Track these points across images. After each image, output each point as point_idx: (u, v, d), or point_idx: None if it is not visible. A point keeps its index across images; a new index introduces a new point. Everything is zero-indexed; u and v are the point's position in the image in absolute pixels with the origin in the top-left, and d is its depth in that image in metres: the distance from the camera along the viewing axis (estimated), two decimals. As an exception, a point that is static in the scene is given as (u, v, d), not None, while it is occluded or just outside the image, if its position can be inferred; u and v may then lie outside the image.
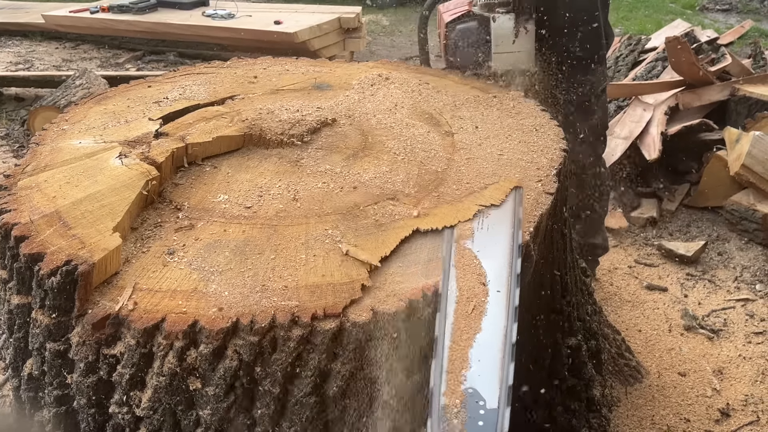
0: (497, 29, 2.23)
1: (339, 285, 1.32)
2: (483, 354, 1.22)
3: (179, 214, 1.52)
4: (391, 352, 1.29)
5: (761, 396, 2.37)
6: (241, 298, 1.28)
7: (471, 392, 1.16)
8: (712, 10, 7.79)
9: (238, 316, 1.24)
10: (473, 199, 1.57)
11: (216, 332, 1.23)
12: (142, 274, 1.34)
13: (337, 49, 5.34)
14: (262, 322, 1.24)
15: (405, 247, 1.42)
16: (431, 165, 1.70)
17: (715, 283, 3.05)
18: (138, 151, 1.66)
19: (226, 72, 2.24)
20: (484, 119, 1.93)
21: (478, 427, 1.11)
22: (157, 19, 5.60)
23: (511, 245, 1.42)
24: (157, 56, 5.56)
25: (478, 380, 1.18)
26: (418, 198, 1.58)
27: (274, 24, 5.17)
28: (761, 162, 3.19)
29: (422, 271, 1.36)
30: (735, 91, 3.78)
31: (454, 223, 1.49)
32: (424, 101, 2.03)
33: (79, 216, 1.41)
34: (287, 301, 1.28)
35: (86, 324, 1.26)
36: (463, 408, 1.14)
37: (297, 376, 1.30)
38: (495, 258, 1.40)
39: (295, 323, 1.25)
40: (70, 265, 1.27)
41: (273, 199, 1.57)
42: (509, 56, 2.25)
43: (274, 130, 1.79)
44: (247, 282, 1.32)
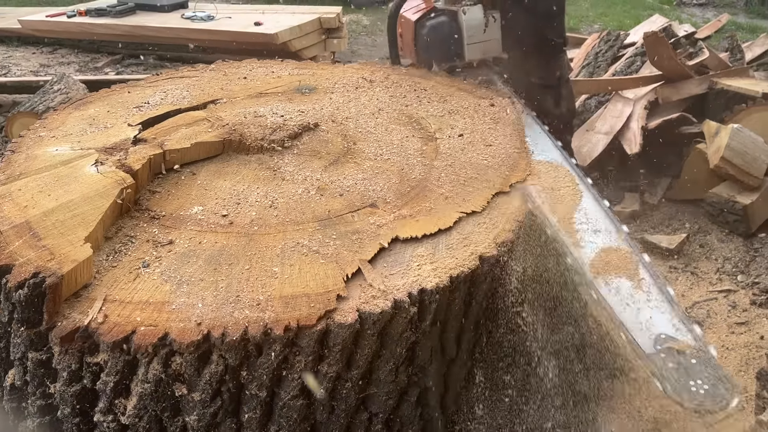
0: (469, 21, 2.38)
1: (314, 296, 1.34)
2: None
3: (155, 223, 1.55)
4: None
5: (745, 386, 2.38)
6: (214, 310, 1.31)
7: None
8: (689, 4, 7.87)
9: (209, 328, 1.27)
10: (454, 206, 1.59)
11: (187, 345, 1.26)
12: (114, 286, 1.37)
13: (318, 50, 5.38)
14: (233, 335, 1.27)
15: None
16: (412, 172, 1.73)
17: (698, 275, 3.09)
18: (115, 158, 1.69)
19: (210, 75, 2.27)
20: (472, 125, 1.95)
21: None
22: (135, 22, 5.62)
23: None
24: (136, 59, 5.57)
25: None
26: (397, 205, 1.60)
27: (254, 25, 5.20)
28: (740, 154, 3.24)
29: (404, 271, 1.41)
30: (713, 84, 3.84)
31: (433, 231, 1.51)
32: (410, 105, 2.06)
33: (50, 226, 1.44)
34: (260, 313, 1.30)
35: (54, 338, 1.29)
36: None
37: (284, 378, 1.33)
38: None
39: (267, 336, 1.28)
40: (38, 278, 1.29)
41: (250, 207, 1.60)
42: (481, 45, 2.43)
43: (255, 135, 1.82)
44: (220, 293, 1.35)
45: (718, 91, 3.86)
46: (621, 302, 1.37)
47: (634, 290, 1.39)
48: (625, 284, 1.41)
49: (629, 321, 1.33)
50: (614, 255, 1.49)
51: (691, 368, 1.23)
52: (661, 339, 1.29)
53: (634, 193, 3.71)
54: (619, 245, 1.50)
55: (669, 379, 1.21)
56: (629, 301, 1.37)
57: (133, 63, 5.60)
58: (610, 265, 1.46)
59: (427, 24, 2.41)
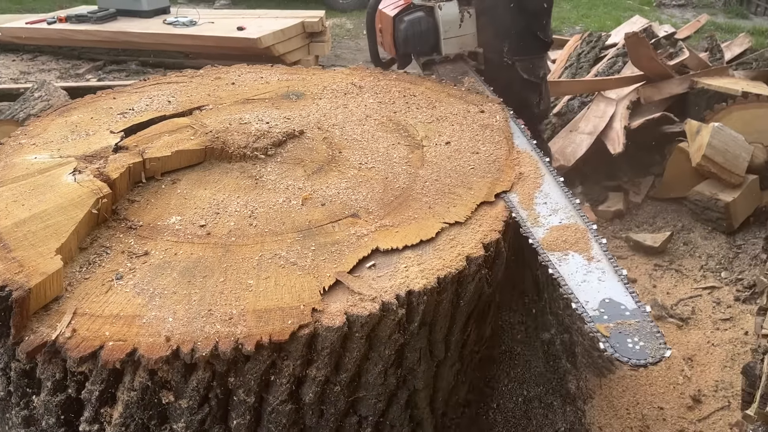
0: (445, 16, 2.37)
1: (289, 309, 1.24)
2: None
3: (132, 233, 1.45)
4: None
5: (731, 381, 2.35)
6: (184, 325, 1.21)
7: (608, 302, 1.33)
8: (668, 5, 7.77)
9: (178, 344, 1.17)
10: (437, 216, 1.49)
11: (155, 361, 1.16)
12: (85, 299, 1.27)
13: (301, 54, 5.24)
14: (203, 351, 1.17)
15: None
16: (396, 181, 1.62)
17: (682, 272, 3.04)
18: (94, 167, 1.58)
19: (198, 81, 2.16)
20: (460, 132, 1.84)
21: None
22: (117, 28, 5.44)
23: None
24: (118, 66, 5.38)
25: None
26: (379, 215, 1.50)
27: (237, 30, 5.04)
28: (721, 152, 3.17)
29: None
30: (694, 84, 3.76)
31: (415, 242, 1.41)
32: (399, 111, 1.95)
33: (21, 237, 1.33)
34: (232, 327, 1.21)
35: (21, 352, 1.19)
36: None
37: (272, 383, 1.25)
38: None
39: (238, 351, 1.18)
40: (4, 291, 1.19)
41: (229, 217, 1.49)
42: (457, 40, 2.42)
43: (237, 143, 1.71)
44: (192, 307, 1.25)
45: (698, 90, 3.80)
46: (570, 272, 1.40)
47: (586, 261, 1.42)
48: (577, 257, 1.43)
49: (576, 287, 1.36)
50: (568, 231, 1.50)
51: (630, 327, 1.28)
52: (605, 303, 1.33)
53: (618, 192, 3.65)
54: (574, 222, 1.52)
55: (609, 338, 1.25)
56: (579, 271, 1.40)
57: (115, 69, 5.42)
58: (565, 241, 1.48)
59: (405, 19, 2.39)
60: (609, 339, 1.25)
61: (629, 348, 1.23)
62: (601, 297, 1.34)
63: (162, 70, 5.37)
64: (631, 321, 1.29)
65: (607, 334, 1.26)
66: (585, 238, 1.48)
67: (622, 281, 1.38)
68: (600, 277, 1.39)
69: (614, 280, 1.38)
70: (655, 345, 1.24)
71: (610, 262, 1.42)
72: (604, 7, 7.64)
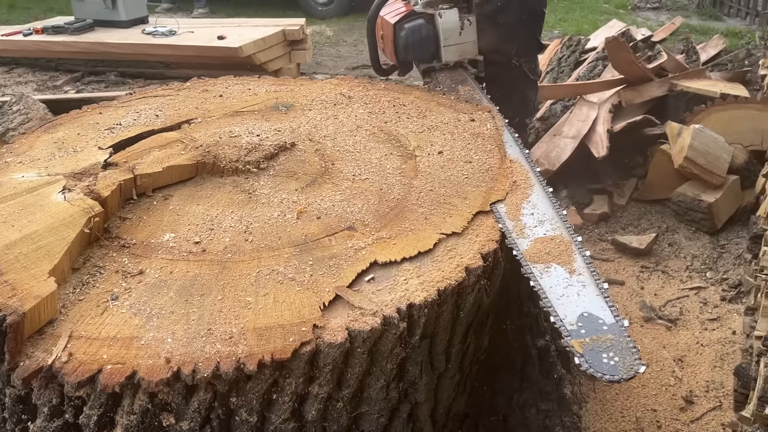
0: (445, 23, 2.41)
1: (289, 326, 1.22)
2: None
3: (125, 252, 1.42)
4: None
5: (722, 381, 2.37)
6: (184, 345, 1.19)
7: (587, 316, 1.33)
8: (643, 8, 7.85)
9: (179, 365, 1.15)
10: (434, 227, 1.48)
11: (155, 383, 1.13)
12: (80, 321, 1.24)
13: (283, 62, 5.19)
14: (204, 371, 1.15)
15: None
16: (391, 192, 1.61)
17: (669, 273, 3.05)
18: (83, 185, 1.55)
19: (185, 94, 2.13)
20: (452, 141, 1.83)
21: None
22: (94, 38, 5.33)
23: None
24: (96, 77, 5.26)
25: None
26: (376, 228, 1.49)
27: (217, 39, 4.98)
28: (702, 154, 3.21)
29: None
30: (673, 86, 3.81)
31: (413, 254, 1.40)
32: (389, 121, 1.94)
33: (12, 260, 1.30)
34: (233, 347, 1.19)
35: (16, 379, 1.16)
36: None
37: (274, 402, 1.23)
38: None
39: (240, 372, 1.16)
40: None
41: (224, 232, 1.47)
42: (457, 47, 2.46)
43: (229, 156, 1.69)
44: (191, 326, 1.22)
45: (678, 92, 3.84)
46: (552, 284, 1.40)
47: (567, 274, 1.42)
48: (559, 269, 1.43)
49: (556, 300, 1.36)
50: (553, 243, 1.50)
51: (606, 342, 1.27)
52: (583, 317, 1.32)
53: (602, 195, 3.66)
54: (559, 234, 1.52)
55: (584, 354, 1.25)
56: (560, 284, 1.40)
57: (94, 80, 5.31)
58: (549, 253, 1.48)
59: (405, 26, 2.42)
60: (583, 355, 1.24)
61: (603, 363, 1.23)
62: (580, 311, 1.34)
63: (142, 81, 5.30)
64: (608, 336, 1.28)
65: (581, 350, 1.25)
66: (569, 251, 1.47)
67: (603, 295, 1.37)
68: (580, 291, 1.38)
69: (594, 294, 1.37)
70: (629, 361, 1.24)
71: (591, 275, 1.41)
72: (581, 11, 7.70)
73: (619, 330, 1.29)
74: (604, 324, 1.31)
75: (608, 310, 1.34)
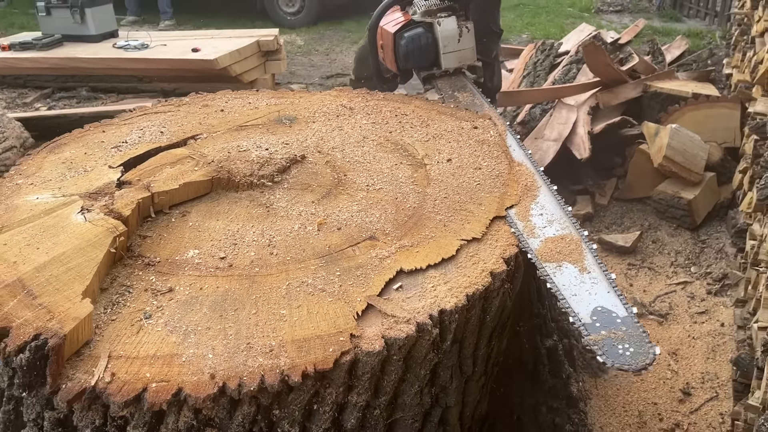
0: (443, 31, 2.51)
1: (327, 337, 1.25)
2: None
3: (151, 270, 1.43)
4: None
5: (716, 372, 2.45)
6: (226, 360, 1.20)
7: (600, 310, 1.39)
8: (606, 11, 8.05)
9: (224, 380, 1.16)
10: (454, 234, 1.52)
11: (203, 399, 1.14)
12: (117, 341, 1.24)
13: (258, 73, 5.20)
14: (250, 385, 1.16)
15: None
16: (406, 201, 1.65)
17: (655, 269, 3.14)
18: (101, 204, 1.55)
19: (186, 109, 2.13)
20: (459, 149, 1.88)
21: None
22: (64, 54, 5.27)
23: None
24: (67, 92, 5.21)
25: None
26: (397, 236, 1.52)
27: (191, 51, 4.97)
28: (680, 152, 3.33)
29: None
30: (647, 87, 3.94)
31: (437, 261, 1.44)
32: (394, 131, 1.98)
33: (44, 282, 1.30)
34: (275, 359, 1.20)
35: (61, 401, 1.16)
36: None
37: (314, 412, 1.25)
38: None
39: (284, 383, 1.18)
40: (40, 340, 1.16)
41: (248, 247, 1.49)
42: (456, 54, 2.56)
43: (243, 171, 1.71)
44: (230, 341, 1.24)
45: (651, 93, 3.96)
46: (566, 281, 1.45)
47: (579, 272, 1.48)
48: (571, 267, 1.49)
49: (570, 296, 1.42)
50: (563, 242, 1.56)
51: (621, 334, 1.34)
52: (597, 311, 1.39)
53: (585, 195, 3.74)
54: (568, 233, 1.58)
55: (601, 346, 1.31)
56: (573, 282, 1.46)
57: (65, 96, 5.25)
58: (560, 252, 1.53)
59: (405, 35, 2.51)
60: (603, 352, 1.30)
61: (619, 354, 1.29)
62: (593, 306, 1.40)
63: (114, 95, 5.25)
64: (622, 328, 1.34)
65: (600, 347, 1.31)
66: (579, 249, 1.53)
67: (613, 289, 1.43)
68: (591, 287, 1.44)
69: (605, 290, 1.43)
70: (645, 348, 1.30)
71: (600, 270, 1.48)
72: (546, 15, 7.85)
73: (631, 322, 1.36)
74: (617, 317, 1.37)
75: (619, 303, 1.41)
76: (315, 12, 7.95)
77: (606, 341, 1.31)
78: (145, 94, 5.13)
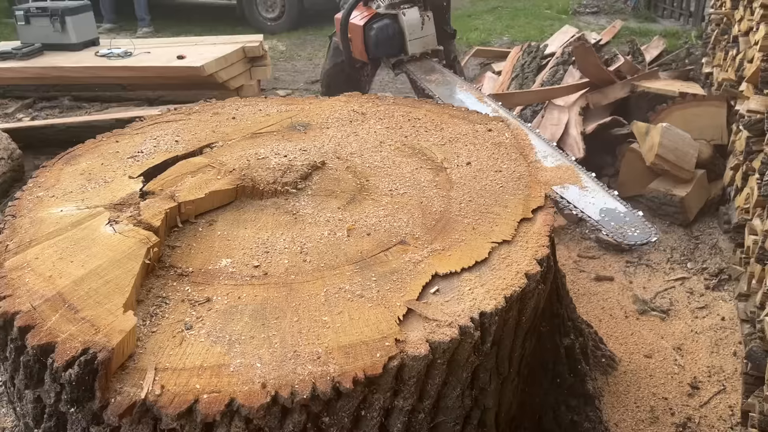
0: (408, 21, 2.85)
1: (372, 342, 1.25)
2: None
3: (185, 280, 1.42)
4: None
5: (721, 365, 2.51)
6: (275, 369, 1.20)
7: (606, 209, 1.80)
8: (583, 13, 8.17)
9: (276, 389, 1.16)
10: (484, 237, 1.53)
11: (256, 409, 1.14)
12: (160, 353, 1.23)
13: (244, 79, 5.19)
14: (302, 393, 1.16)
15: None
16: (431, 204, 1.66)
17: (652, 266, 3.19)
18: (127, 215, 1.54)
19: (197, 118, 2.12)
20: (476, 152, 1.89)
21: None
22: (46, 63, 5.19)
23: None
24: (49, 102, 5.13)
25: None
26: (427, 240, 1.53)
27: (177, 59, 4.94)
28: (672, 150, 3.41)
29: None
30: (634, 87, 4.03)
31: (471, 264, 1.45)
32: (409, 136, 1.99)
33: (84, 296, 1.28)
34: (323, 366, 1.20)
35: (112, 416, 1.14)
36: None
37: (362, 418, 1.25)
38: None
39: (336, 390, 1.18)
40: (89, 354, 1.15)
41: (280, 254, 1.48)
42: (420, 41, 2.90)
43: (266, 179, 1.70)
44: (276, 350, 1.24)
45: (639, 93, 4.04)
46: (573, 197, 1.80)
47: (580, 189, 1.83)
48: (572, 187, 1.83)
49: (582, 204, 1.78)
50: (560, 171, 1.89)
51: (625, 223, 1.76)
52: (603, 210, 1.79)
53: (578, 195, 3.78)
54: (563, 163, 1.92)
55: (611, 232, 1.73)
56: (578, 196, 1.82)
57: (47, 106, 5.16)
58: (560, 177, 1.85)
59: (374, 27, 2.83)
60: (616, 234, 1.71)
61: (629, 235, 1.73)
62: (599, 208, 1.80)
63: (98, 104, 5.18)
64: (626, 219, 1.77)
65: (612, 234, 1.73)
66: (575, 174, 1.88)
67: (612, 195, 1.83)
68: (593, 198, 1.82)
69: (604, 196, 1.84)
70: (649, 231, 1.75)
71: (598, 185, 1.85)
72: (525, 17, 7.93)
73: (632, 214, 1.77)
74: (620, 212, 1.78)
75: (619, 203, 1.82)
76: (295, 17, 7.94)
77: (617, 229, 1.72)
78: (129, 102, 5.08)
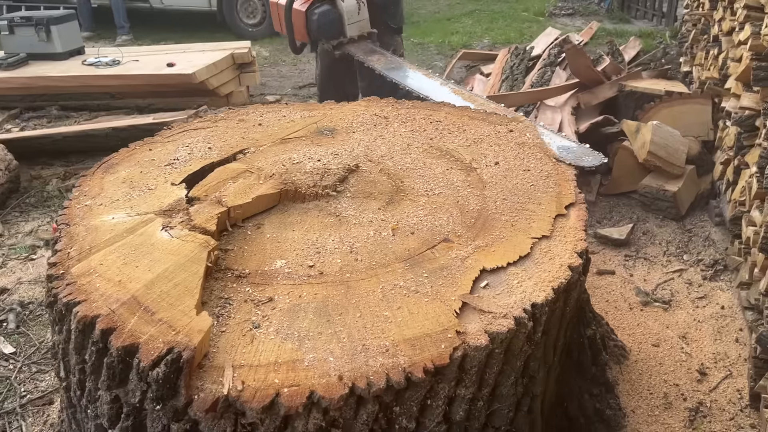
0: (347, 6, 3.28)
1: (435, 335, 1.32)
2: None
3: (243, 282, 1.47)
4: None
5: (725, 352, 2.63)
6: (348, 362, 1.26)
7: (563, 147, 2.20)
8: (558, 15, 8.34)
9: (352, 381, 1.22)
10: (523, 233, 1.61)
11: (336, 400, 1.20)
12: (233, 351, 1.29)
13: (233, 85, 5.24)
14: (378, 384, 1.23)
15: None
16: (468, 203, 1.73)
17: (650, 260, 3.31)
18: (178, 220, 1.59)
19: (224, 125, 2.17)
20: (502, 153, 1.98)
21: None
22: (32, 72, 5.16)
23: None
24: (36, 112, 5.11)
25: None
26: (470, 237, 1.60)
27: (167, 66, 4.96)
28: (663, 147, 3.55)
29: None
30: (622, 87, 4.18)
31: (515, 259, 1.53)
32: (434, 138, 2.06)
33: (157, 298, 1.33)
34: (393, 358, 1.27)
35: (197, 411, 1.19)
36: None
37: (428, 407, 1.31)
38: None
39: (408, 380, 1.25)
40: (174, 353, 1.20)
41: (332, 254, 1.54)
42: (357, 24, 3.34)
43: (306, 183, 1.76)
44: (345, 344, 1.30)
45: (627, 92, 4.19)
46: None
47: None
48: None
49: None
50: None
51: (580, 153, 2.21)
52: (560, 148, 2.13)
53: (573, 193, 3.90)
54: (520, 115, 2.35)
55: (574, 161, 2.03)
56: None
57: (34, 116, 5.12)
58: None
59: (316, 12, 3.21)
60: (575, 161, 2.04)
61: (586, 161, 2.18)
62: (557, 146, 2.10)
63: (87, 113, 5.15)
64: (580, 150, 2.25)
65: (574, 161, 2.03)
66: (532, 126, 2.20)
67: (563, 136, 2.29)
68: (550, 140, 2.13)
69: (558, 139, 2.24)
70: (599, 157, 2.26)
71: (552, 132, 2.32)
72: (503, 20, 8.08)
73: (583, 148, 2.27)
74: (573, 148, 2.22)
75: (571, 141, 2.32)
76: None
77: (575, 159, 2.07)
78: (119, 111, 5.06)
